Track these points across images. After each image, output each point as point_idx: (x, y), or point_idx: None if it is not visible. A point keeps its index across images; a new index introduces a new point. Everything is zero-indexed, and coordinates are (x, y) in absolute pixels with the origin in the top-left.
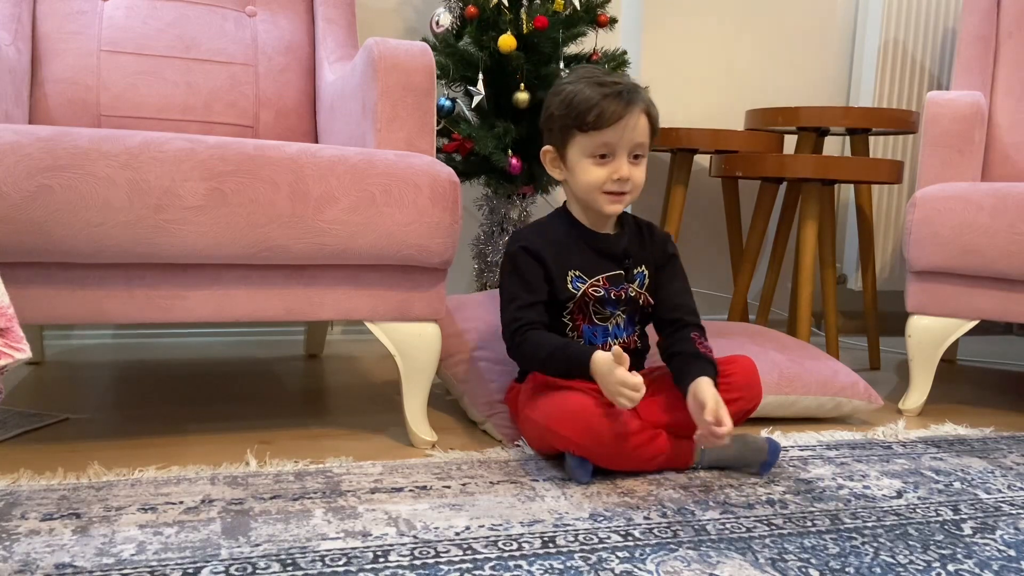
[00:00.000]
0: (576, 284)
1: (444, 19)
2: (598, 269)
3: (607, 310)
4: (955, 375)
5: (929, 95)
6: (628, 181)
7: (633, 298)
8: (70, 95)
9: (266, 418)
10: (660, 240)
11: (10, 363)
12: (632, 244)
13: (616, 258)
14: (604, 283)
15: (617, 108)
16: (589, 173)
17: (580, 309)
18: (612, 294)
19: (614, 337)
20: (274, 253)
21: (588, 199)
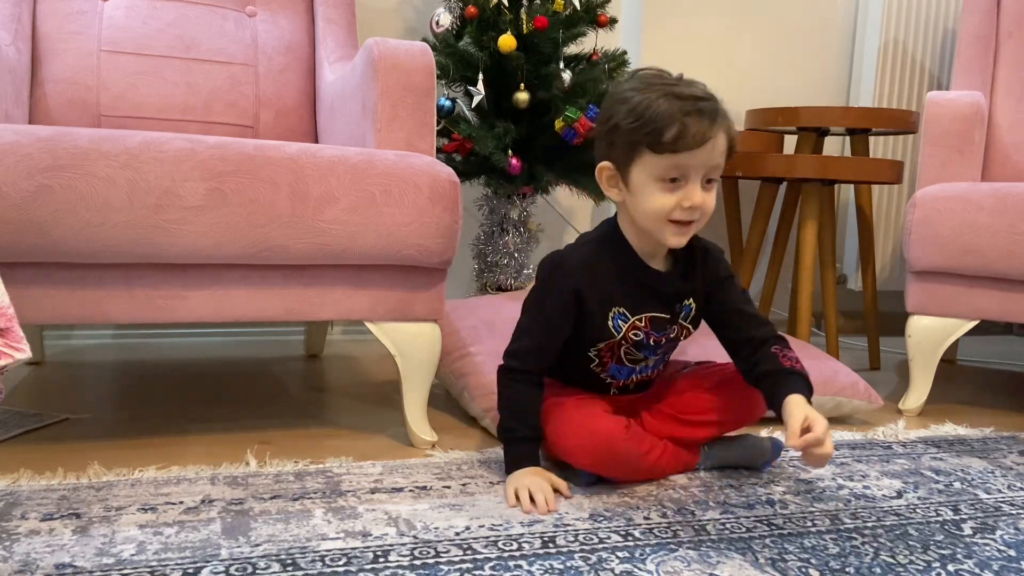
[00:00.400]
0: (618, 324)
1: (444, 19)
2: (643, 307)
3: (641, 354)
4: (955, 375)
5: (929, 95)
6: (698, 209)
7: (674, 338)
8: (70, 95)
9: (266, 418)
10: (713, 263)
11: (10, 363)
12: (684, 279)
13: (666, 299)
14: (647, 325)
15: (700, 128)
16: (655, 199)
17: (613, 349)
18: (651, 340)
19: (640, 374)
20: (274, 253)
21: (650, 227)
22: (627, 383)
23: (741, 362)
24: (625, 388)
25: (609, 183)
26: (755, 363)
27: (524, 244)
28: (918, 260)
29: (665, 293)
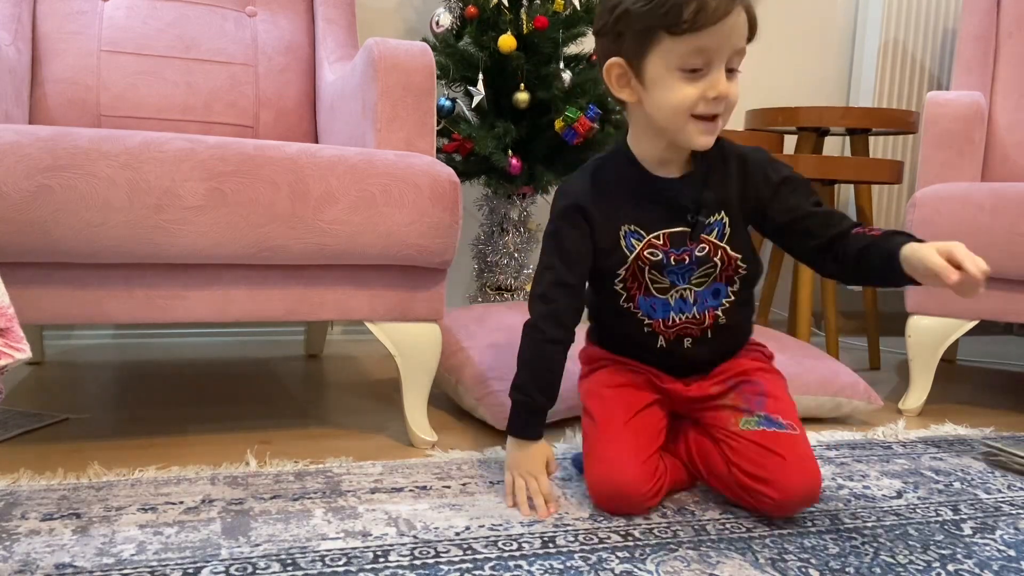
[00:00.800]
0: (630, 242)
1: (444, 19)
2: (658, 223)
3: (666, 279)
4: (955, 375)
5: (929, 95)
6: (724, 100)
7: (703, 258)
8: (70, 95)
9: (266, 418)
10: (757, 170)
11: (10, 363)
12: (707, 187)
13: (680, 210)
14: (665, 242)
15: (721, 2)
16: (676, 92)
17: (635, 275)
18: (672, 258)
19: (679, 312)
20: (274, 253)
21: (672, 128)
22: (673, 330)
23: (828, 265)
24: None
25: (619, 82)
26: (843, 257)
27: (524, 244)
28: None
29: (678, 203)
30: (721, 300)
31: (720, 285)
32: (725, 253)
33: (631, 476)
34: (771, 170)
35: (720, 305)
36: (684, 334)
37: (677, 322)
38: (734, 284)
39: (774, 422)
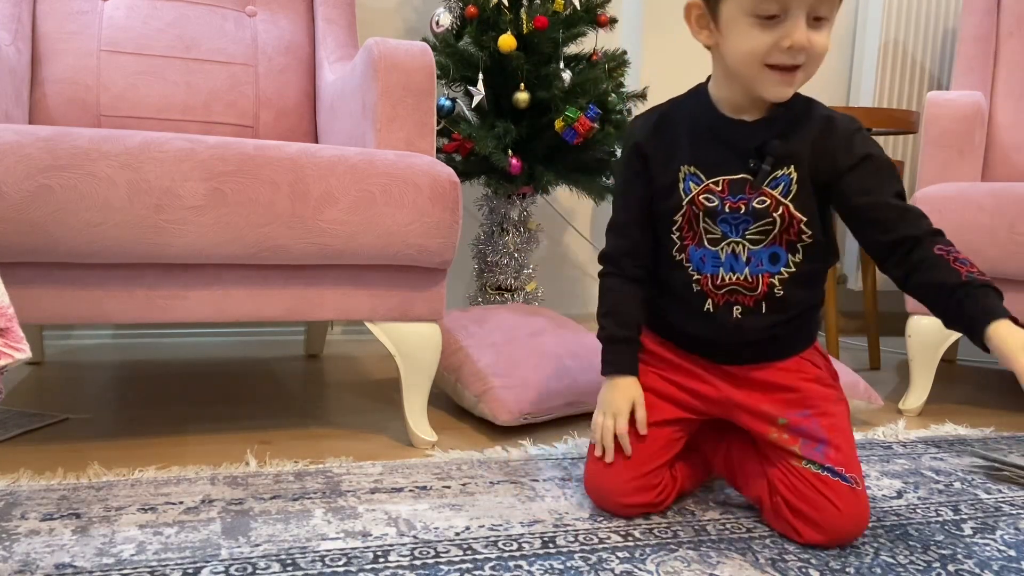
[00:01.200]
0: (688, 186)
1: (444, 19)
2: (720, 168)
3: (718, 229)
4: (955, 375)
5: (929, 95)
6: (803, 51)
7: (761, 211)
8: (70, 95)
9: (266, 418)
10: (840, 139)
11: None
12: (777, 133)
13: (746, 155)
14: (724, 189)
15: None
16: (748, 38)
17: (691, 222)
18: (727, 206)
19: (730, 270)
20: (274, 253)
21: (746, 75)
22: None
23: (892, 268)
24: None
25: (698, 24)
26: (912, 269)
27: (524, 244)
28: None
29: (742, 146)
30: (779, 268)
31: (779, 249)
32: (788, 211)
33: (614, 485)
34: (858, 141)
35: (778, 273)
36: (734, 300)
37: (727, 282)
38: (796, 253)
39: (838, 474)
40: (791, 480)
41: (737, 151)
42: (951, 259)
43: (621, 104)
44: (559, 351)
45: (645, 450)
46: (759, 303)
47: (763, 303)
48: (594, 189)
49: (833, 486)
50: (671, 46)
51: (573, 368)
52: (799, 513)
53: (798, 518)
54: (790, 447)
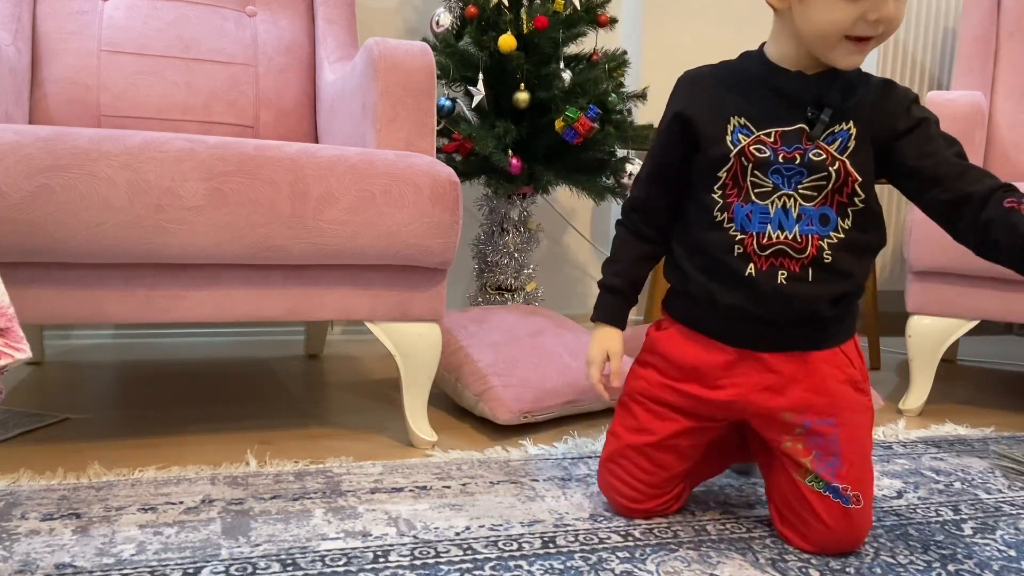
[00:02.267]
0: (736, 137)
1: (444, 19)
2: (773, 119)
3: (770, 180)
4: (955, 375)
5: (929, 95)
6: (884, 23)
7: (819, 164)
8: (70, 95)
9: (266, 418)
10: (898, 99)
11: (10, 363)
12: (837, 89)
13: (802, 105)
14: (776, 140)
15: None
16: (834, 9)
17: (736, 178)
18: (781, 156)
19: (778, 228)
20: (274, 253)
21: (819, 45)
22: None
23: (963, 233)
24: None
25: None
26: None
27: (524, 244)
28: (918, 260)
29: (798, 96)
30: (828, 231)
31: (830, 210)
32: (844, 167)
33: (627, 498)
34: (916, 106)
35: (827, 236)
36: (779, 264)
37: (774, 240)
38: (846, 217)
39: (840, 494)
40: (788, 493)
41: (793, 101)
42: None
43: (621, 104)
44: (559, 350)
45: (659, 462)
46: (805, 269)
47: (810, 269)
48: (594, 189)
49: (830, 507)
50: (671, 46)
51: (573, 367)
52: (789, 524)
53: (787, 527)
54: (801, 459)
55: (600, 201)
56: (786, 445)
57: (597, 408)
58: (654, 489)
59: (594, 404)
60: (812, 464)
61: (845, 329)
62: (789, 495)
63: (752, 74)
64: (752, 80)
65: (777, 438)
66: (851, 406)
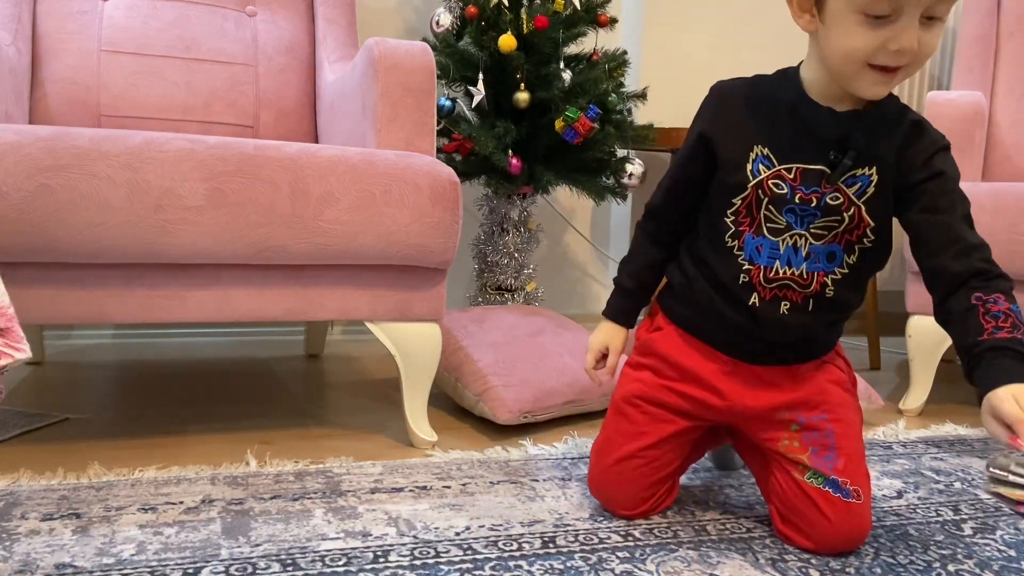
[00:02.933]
0: (757, 168)
1: (444, 19)
2: (796, 155)
3: (784, 219)
4: (955, 375)
5: (929, 95)
6: (909, 54)
7: (833, 207)
8: (70, 95)
9: (266, 418)
10: (927, 142)
11: (10, 363)
12: (866, 132)
13: (826, 146)
14: (797, 177)
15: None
16: (854, 36)
17: (751, 208)
18: (798, 197)
19: (787, 264)
20: (274, 253)
21: (843, 72)
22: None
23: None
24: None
25: (800, 8)
26: (947, 311)
27: (524, 244)
28: None
29: (825, 136)
30: (834, 267)
31: (837, 248)
32: (859, 213)
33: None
34: (940, 156)
35: (831, 272)
36: (783, 296)
37: (780, 275)
38: (853, 254)
39: (840, 487)
40: (789, 492)
41: (818, 139)
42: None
43: (621, 104)
44: (559, 350)
45: (657, 463)
46: (807, 300)
47: (811, 300)
48: (594, 189)
49: (832, 501)
50: (671, 46)
51: (573, 367)
52: (791, 524)
53: (789, 527)
54: (798, 456)
55: (600, 201)
56: (783, 444)
57: (597, 408)
58: (651, 489)
59: (594, 404)
60: (810, 460)
61: (834, 340)
62: (790, 494)
63: (783, 101)
64: (781, 108)
65: (773, 438)
66: (842, 403)
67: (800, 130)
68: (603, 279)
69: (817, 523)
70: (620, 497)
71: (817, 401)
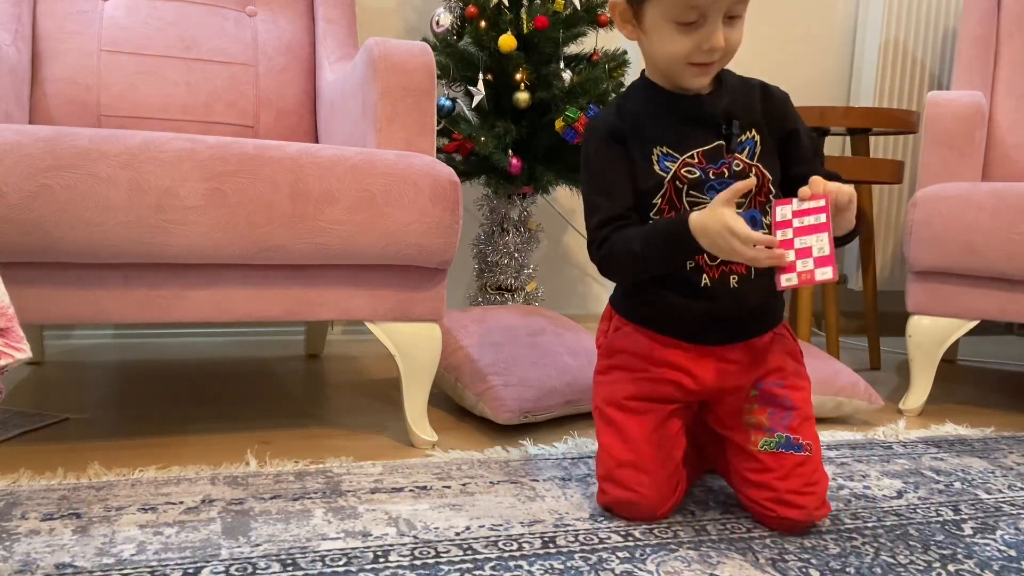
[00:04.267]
0: (664, 165)
1: (444, 19)
2: (691, 142)
3: (708, 196)
4: (955, 375)
5: (929, 95)
6: (720, 51)
7: (740, 172)
8: (70, 95)
9: (266, 418)
10: (779, 105)
11: (10, 363)
12: (735, 103)
13: (713, 124)
14: (700, 160)
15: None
16: (671, 43)
17: (672, 201)
18: (711, 173)
19: None
20: (274, 253)
21: (669, 70)
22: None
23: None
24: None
25: (622, 19)
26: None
27: (524, 244)
28: (918, 260)
29: (708, 116)
30: (758, 229)
31: (756, 212)
32: (760, 171)
33: (649, 503)
34: (789, 115)
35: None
36: (728, 270)
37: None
38: (766, 215)
39: (793, 444)
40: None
41: (703, 122)
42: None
43: None
44: (559, 350)
45: (666, 447)
46: (749, 269)
47: (752, 268)
48: None
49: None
50: None
51: (573, 367)
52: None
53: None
54: (758, 418)
55: None
56: (746, 418)
57: None
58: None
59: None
60: (768, 421)
61: (777, 315)
62: (758, 468)
63: (658, 104)
64: (660, 110)
65: (738, 408)
66: (795, 372)
67: (682, 121)
68: (603, 279)
69: (773, 483)
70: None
71: (774, 370)
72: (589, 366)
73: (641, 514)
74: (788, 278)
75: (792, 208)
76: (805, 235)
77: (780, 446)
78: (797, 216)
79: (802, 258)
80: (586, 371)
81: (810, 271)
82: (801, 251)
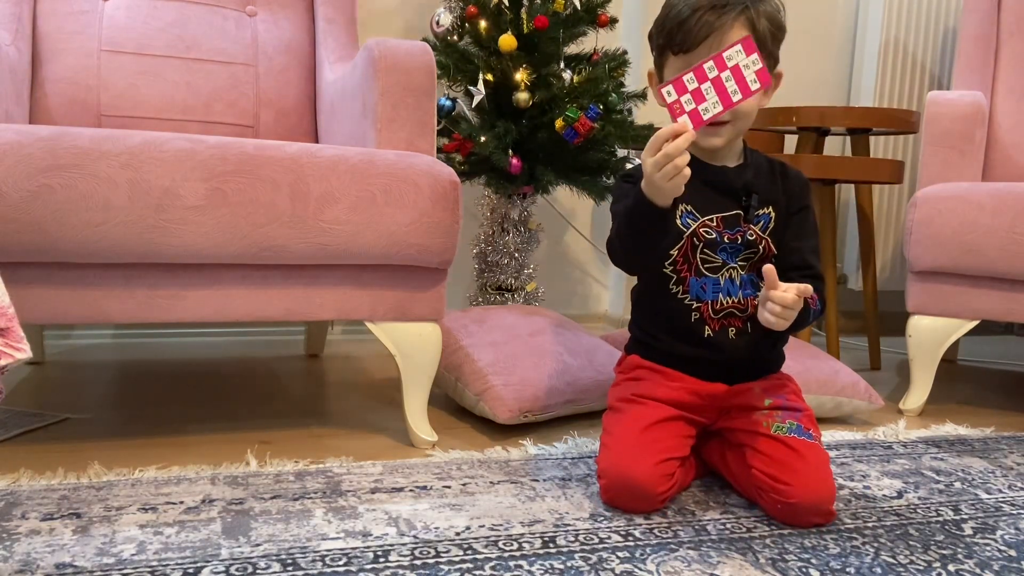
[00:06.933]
0: (686, 221)
1: (444, 19)
2: (712, 207)
3: (719, 257)
4: (955, 375)
5: (930, 95)
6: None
7: (752, 242)
8: (71, 95)
9: (266, 418)
10: (796, 183)
11: (10, 363)
12: (758, 180)
13: (735, 195)
14: (719, 224)
15: (708, 20)
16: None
17: (687, 255)
18: (726, 237)
19: (727, 294)
20: (274, 253)
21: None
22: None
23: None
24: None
25: (652, 84)
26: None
27: (524, 244)
28: (918, 260)
29: (732, 188)
30: (756, 292)
31: (754, 276)
32: (767, 244)
33: (641, 472)
34: (806, 191)
35: (756, 296)
36: (728, 323)
37: (725, 305)
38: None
39: (804, 432)
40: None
41: (725, 192)
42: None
43: (621, 104)
44: (559, 350)
45: (666, 438)
46: (746, 323)
47: (749, 323)
48: (594, 189)
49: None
50: None
51: (573, 366)
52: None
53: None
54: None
55: (600, 201)
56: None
57: (597, 408)
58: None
59: (594, 404)
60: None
61: (778, 359)
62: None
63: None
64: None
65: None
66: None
67: (709, 187)
68: (603, 279)
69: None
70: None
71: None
72: (589, 366)
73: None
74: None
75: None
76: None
77: (792, 431)
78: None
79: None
80: (586, 371)
81: (694, 110)
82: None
